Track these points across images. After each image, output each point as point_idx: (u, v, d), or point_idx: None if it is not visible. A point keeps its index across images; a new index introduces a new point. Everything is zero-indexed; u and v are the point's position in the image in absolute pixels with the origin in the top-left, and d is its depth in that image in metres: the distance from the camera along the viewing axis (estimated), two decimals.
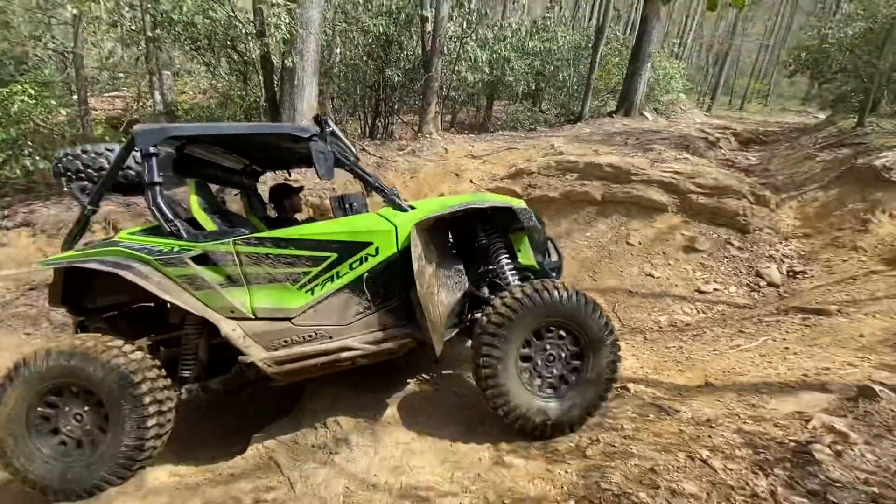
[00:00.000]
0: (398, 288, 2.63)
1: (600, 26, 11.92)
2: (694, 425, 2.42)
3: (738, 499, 1.78)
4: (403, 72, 10.52)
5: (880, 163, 6.30)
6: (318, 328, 2.58)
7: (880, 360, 3.12)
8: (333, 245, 2.55)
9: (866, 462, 1.93)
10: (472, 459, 2.46)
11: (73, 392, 2.42)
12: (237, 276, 2.53)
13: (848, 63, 10.58)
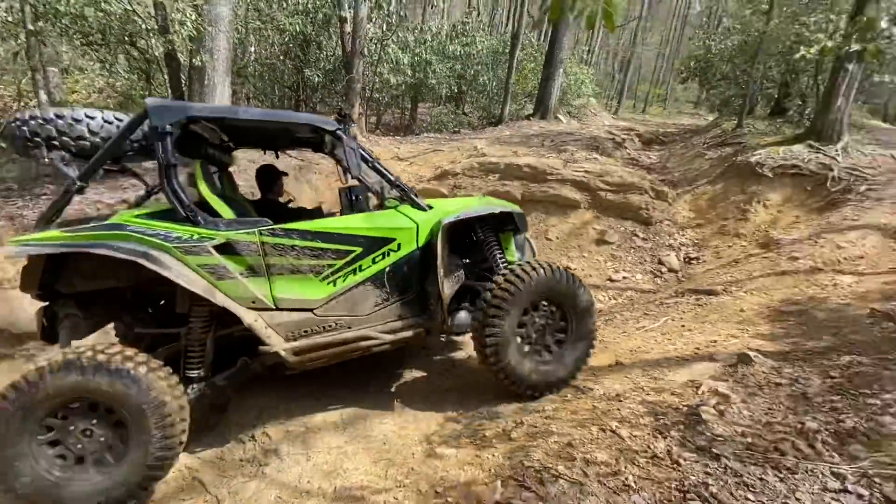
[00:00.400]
0: (415, 281, 2.80)
1: (515, 32, 12.45)
2: (605, 401, 2.65)
3: (642, 461, 2.00)
4: (323, 72, 10.30)
5: (755, 159, 7.22)
6: (338, 319, 2.65)
7: (756, 330, 3.62)
8: (360, 240, 2.66)
9: (743, 417, 2.25)
10: (405, 455, 2.52)
11: (80, 409, 2.13)
12: (259, 267, 2.49)
13: (729, 71, 11.98)
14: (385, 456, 2.53)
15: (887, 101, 14.62)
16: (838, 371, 2.51)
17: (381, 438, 2.70)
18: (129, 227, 2.33)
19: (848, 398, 2.22)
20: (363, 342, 2.68)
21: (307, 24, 9.59)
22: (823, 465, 1.79)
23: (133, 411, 2.11)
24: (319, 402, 3.06)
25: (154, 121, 2.34)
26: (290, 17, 9.46)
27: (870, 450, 1.83)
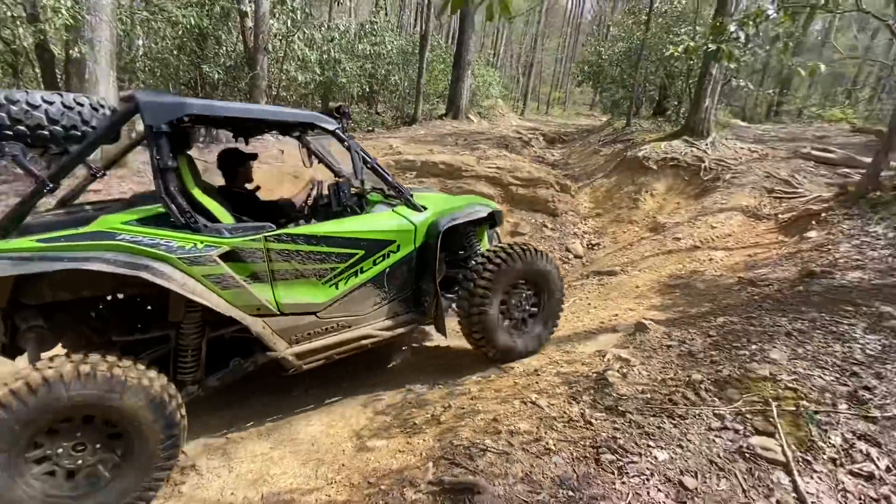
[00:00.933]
0: (412, 280, 2.89)
1: (424, 33, 12.60)
2: (525, 377, 2.81)
3: (559, 425, 2.15)
4: (224, 69, 9.62)
5: (642, 154, 8.02)
6: (339, 320, 2.66)
7: (650, 303, 4.03)
8: (363, 242, 2.65)
9: (642, 377, 2.51)
10: (335, 453, 2.46)
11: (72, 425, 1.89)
12: (264, 273, 2.38)
13: (617, 76, 13.17)
14: (314, 456, 2.45)
15: (744, 103, 16.98)
16: (715, 330, 2.89)
17: (308, 440, 2.61)
18: (121, 236, 2.06)
19: (723, 352, 2.57)
20: (363, 340, 2.74)
21: (203, 17, 8.89)
22: (707, 409, 2.06)
23: (131, 421, 1.93)
24: (240, 412, 2.88)
25: (148, 119, 2.08)
26: (182, 8, 8.71)
27: (742, 392, 2.14)
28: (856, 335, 2.54)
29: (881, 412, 1.92)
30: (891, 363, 2.26)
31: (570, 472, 1.82)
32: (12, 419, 1.74)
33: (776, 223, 5.46)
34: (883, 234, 4.10)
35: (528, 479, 1.80)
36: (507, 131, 11.95)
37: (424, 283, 2.90)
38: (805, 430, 1.84)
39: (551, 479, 1.79)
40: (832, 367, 2.25)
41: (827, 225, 4.70)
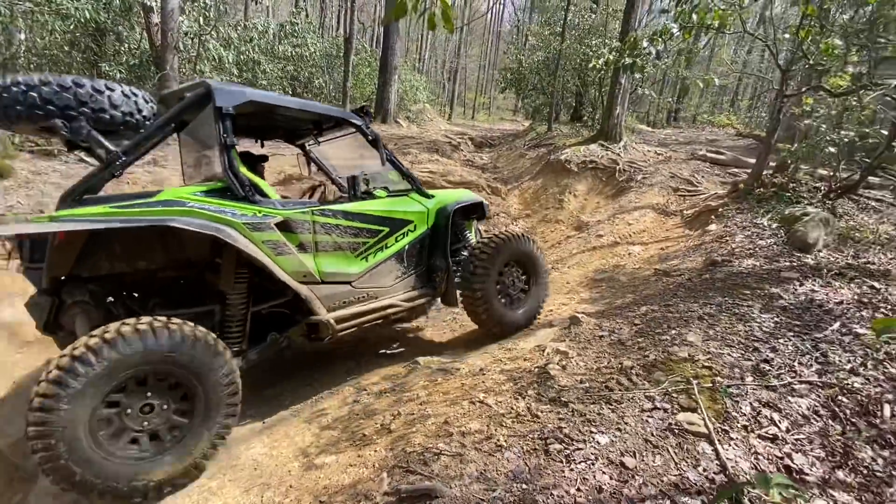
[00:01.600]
0: (425, 257, 3.35)
1: (348, 36, 12.39)
2: (471, 377, 2.86)
3: (508, 421, 2.22)
4: (127, 68, 8.79)
5: (564, 157, 8.50)
6: (369, 290, 3.01)
7: (580, 297, 4.29)
8: (387, 221, 3.06)
9: (580, 368, 2.66)
10: (280, 475, 2.35)
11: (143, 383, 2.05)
12: (309, 244, 2.67)
13: (537, 83, 13.84)
14: (258, 482, 2.32)
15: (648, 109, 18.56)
16: (639, 319, 3.14)
17: (250, 465, 2.47)
18: (190, 204, 2.29)
19: (648, 338, 2.80)
20: (389, 309, 3.10)
21: (99, 11, 8.05)
22: (639, 392, 2.24)
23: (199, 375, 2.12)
24: None
25: (219, 101, 2.36)
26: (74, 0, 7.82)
27: (667, 373, 2.34)
28: (754, 315, 2.88)
29: (779, 381, 2.20)
30: (782, 338, 2.59)
31: (523, 465, 1.89)
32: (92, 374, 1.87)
33: (682, 219, 6.04)
34: (768, 225, 4.70)
35: (483, 478, 1.84)
36: (437, 136, 12.09)
37: (436, 260, 3.38)
38: (721, 403, 2.06)
39: (505, 474, 1.85)
40: (738, 345, 2.54)
41: (723, 219, 5.29)
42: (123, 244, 2.35)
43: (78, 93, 2.21)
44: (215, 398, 2.19)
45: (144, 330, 1.98)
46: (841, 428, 1.94)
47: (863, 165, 5.46)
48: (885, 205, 5.39)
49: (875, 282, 3.35)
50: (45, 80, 2.18)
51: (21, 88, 2.14)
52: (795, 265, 3.71)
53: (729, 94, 21.42)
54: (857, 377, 2.27)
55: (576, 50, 11.60)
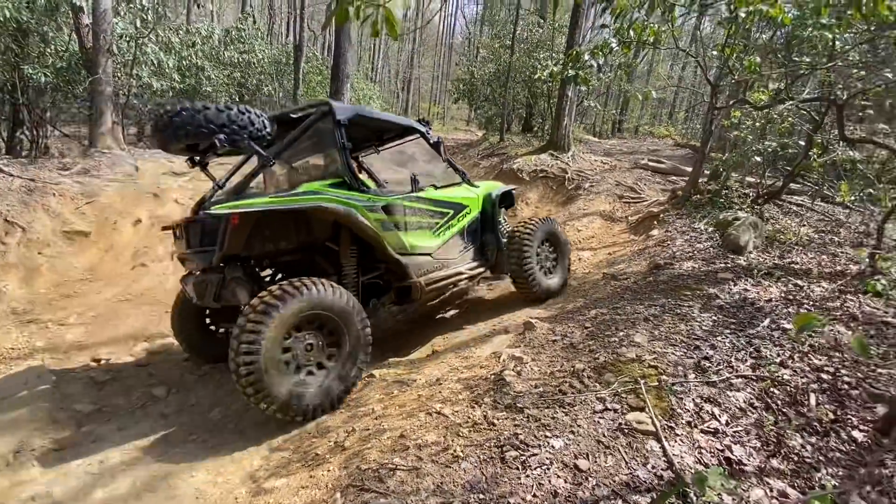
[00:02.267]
0: (478, 235, 4.18)
1: (298, 44, 12.15)
2: (428, 387, 2.83)
3: (465, 431, 2.20)
4: (55, 71, 8.16)
5: (516, 166, 8.69)
6: (443, 261, 3.72)
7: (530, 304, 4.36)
8: (452, 205, 3.85)
9: (534, 373, 2.69)
10: (227, 502, 2.21)
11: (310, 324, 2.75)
12: (402, 223, 3.37)
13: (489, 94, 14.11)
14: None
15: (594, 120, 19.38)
16: (590, 322, 3.23)
17: (192, 494, 2.31)
18: (326, 193, 2.98)
19: (598, 341, 2.88)
20: (456, 277, 3.80)
21: (21, 10, 7.43)
22: (590, 394, 2.29)
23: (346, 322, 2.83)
24: (100, 476, 2.43)
25: (338, 115, 3.10)
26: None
27: (616, 374, 2.41)
28: (694, 315, 3.04)
29: (718, 377, 2.32)
30: (720, 335, 2.75)
31: (479, 475, 1.87)
32: (280, 311, 2.53)
33: (627, 225, 6.32)
34: (704, 229, 4.99)
35: (440, 491, 1.81)
36: None
37: (487, 237, 4.21)
38: (667, 401, 2.14)
39: (462, 485, 1.82)
40: (681, 344, 2.66)
41: (665, 224, 5.58)
42: (273, 228, 2.99)
43: (230, 114, 2.80)
44: (356, 340, 2.89)
45: (309, 285, 2.70)
46: (774, 418, 2.07)
47: (784, 173, 5.94)
48: (804, 209, 5.88)
49: (799, 280, 3.63)
50: (205, 105, 2.77)
51: (191, 112, 2.71)
52: (730, 266, 3.95)
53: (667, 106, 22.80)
54: (787, 369, 2.43)
55: (525, 63, 11.95)
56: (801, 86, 6.06)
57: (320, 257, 3.43)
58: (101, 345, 4.26)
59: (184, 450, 2.68)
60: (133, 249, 5.75)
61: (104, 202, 6.19)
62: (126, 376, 3.66)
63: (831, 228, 5.22)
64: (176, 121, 2.70)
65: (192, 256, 2.95)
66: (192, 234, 2.94)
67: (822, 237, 4.87)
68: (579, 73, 3.06)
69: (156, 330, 4.61)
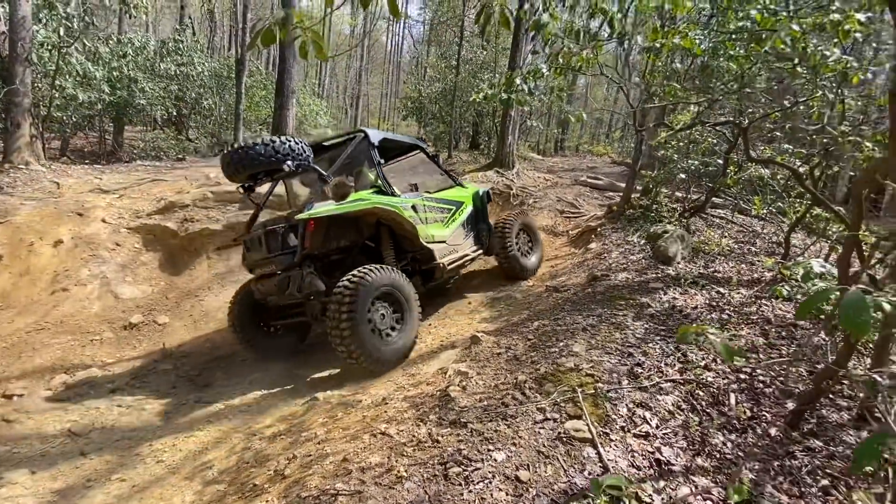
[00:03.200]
0: (474, 225, 5.17)
1: (240, 58, 11.81)
2: (373, 408, 2.77)
3: (409, 450, 2.17)
4: None
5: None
6: (453, 246, 4.75)
7: (481, 316, 4.42)
8: (453, 202, 4.92)
9: (479, 387, 2.71)
10: None
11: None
12: (424, 219, 4.41)
13: (437, 112, 14.34)
14: None
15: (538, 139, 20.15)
16: (532, 334, 3.31)
17: None
18: (370, 200, 3.88)
19: (540, 352, 2.95)
20: (464, 257, 4.84)
21: None
22: (531, 405, 2.33)
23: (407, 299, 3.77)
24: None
25: (373, 139, 4.20)
26: None
27: (556, 384, 2.48)
28: (628, 323, 3.19)
29: (649, 381, 2.44)
30: (651, 342, 2.90)
31: (423, 494, 1.85)
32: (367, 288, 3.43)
33: (568, 238, 6.57)
34: (637, 242, 5.29)
35: None
36: None
37: (481, 225, 5.25)
38: (603, 408, 2.22)
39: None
40: (615, 352, 2.78)
41: (602, 238, 5.86)
42: (335, 230, 3.86)
43: (290, 145, 3.62)
44: (412, 313, 3.80)
45: (384, 268, 3.66)
46: (698, 419, 2.20)
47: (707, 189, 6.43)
48: (726, 221, 6.38)
49: (721, 287, 3.92)
50: (272, 138, 3.59)
51: (264, 145, 3.56)
52: (660, 276, 4.20)
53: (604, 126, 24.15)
54: (710, 372, 2.60)
55: (470, 83, 12.28)
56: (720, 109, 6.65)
57: (358, 254, 4.29)
58: (13, 379, 3.85)
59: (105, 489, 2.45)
60: (52, 273, 5.27)
61: (19, 222, 5.65)
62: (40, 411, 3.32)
63: (749, 239, 5.69)
64: (251, 153, 3.53)
65: (274, 260, 3.76)
66: (271, 242, 3.78)
67: (742, 247, 5.29)
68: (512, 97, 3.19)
69: (77, 360, 4.23)
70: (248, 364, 4.35)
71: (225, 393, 3.73)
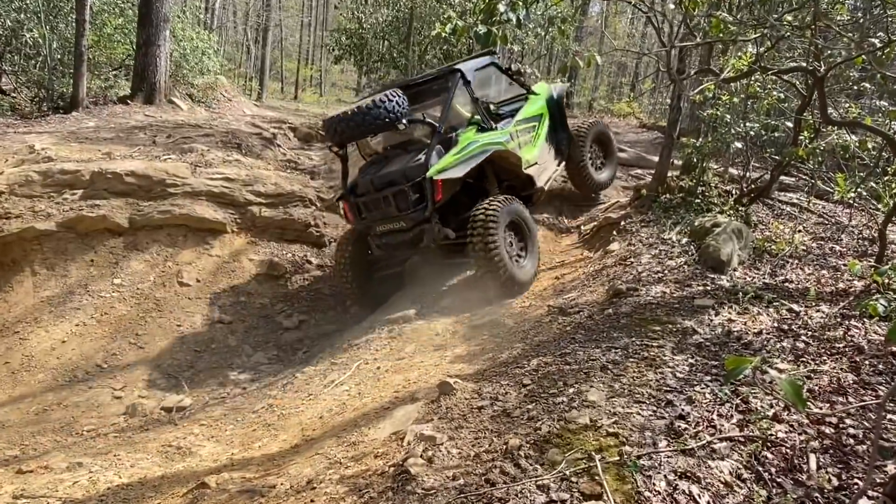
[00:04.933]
0: (553, 135, 7.25)
1: None
2: (294, 495, 2.73)
3: None
4: None
5: None
6: (543, 165, 6.89)
7: (455, 353, 4.44)
8: (534, 118, 6.86)
9: (452, 458, 2.72)
10: None
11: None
12: (518, 145, 6.47)
13: (385, 52, 14.36)
14: None
15: None
16: (530, 377, 3.35)
17: None
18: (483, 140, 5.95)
19: (540, 402, 2.98)
20: (554, 174, 7.01)
21: None
22: (529, 481, 2.35)
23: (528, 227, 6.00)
24: None
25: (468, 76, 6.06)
26: None
27: (563, 450, 2.51)
28: (665, 358, 3.27)
29: (696, 441, 2.51)
30: (698, 384, 2.98)
31: None
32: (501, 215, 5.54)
33: (579, 236, 6.68)
34: (677, 240, 5.45)
35: None
36: (239, 124, 11.69)
37: (559, 134, 7.26)
38: (631, 482, 2.26)
39: None
40: (648, 400, 2.84)
41: (627, 235, 6.00)
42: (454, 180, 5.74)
43: (397, 102, 5.63)
44: (534, 239, 6.00)
45: (513, 200, 5.86)
46: (766, 492, 2.28)
47: (772, 164, 6.69)
48: (799, 209, 6.66)
49: (794, 304, 4.08)
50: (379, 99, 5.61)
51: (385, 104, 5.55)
52: (709, 289, 4.33)
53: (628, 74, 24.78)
54: (781, 424, 2.69)
55: (434, 9, 12.37)
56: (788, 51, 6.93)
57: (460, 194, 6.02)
58: None
59: None
60: None
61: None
62: None
63: (831, 234, 5.96)
64: (366, 119, 5.56)
65: (404, 217, 5.77)
66: (400, 200, 5.76)
67: (822, 246, 5.53)
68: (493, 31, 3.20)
69: None
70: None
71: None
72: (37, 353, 5.24)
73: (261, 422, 4.19)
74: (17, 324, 5.57)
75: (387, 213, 5.83)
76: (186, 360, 5.77)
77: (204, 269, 6.70)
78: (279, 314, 6.58)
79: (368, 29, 14.37)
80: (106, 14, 13.02)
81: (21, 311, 5.72)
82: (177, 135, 9.30)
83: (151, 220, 6.69)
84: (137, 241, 6.63)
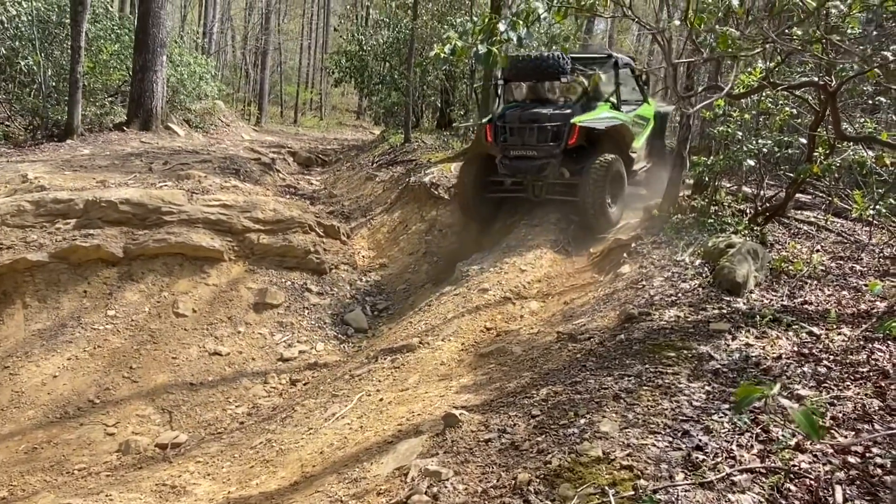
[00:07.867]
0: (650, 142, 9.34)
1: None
2: None
3: None
4: None
5: (428, 179, 8.93)
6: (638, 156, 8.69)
7: (461, 383, 4.41)
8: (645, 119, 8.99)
9: (458, 494, 2.68)
10: None
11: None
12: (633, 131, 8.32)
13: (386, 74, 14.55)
14: None
15: None
16: (539, 407, 3.31)
17: None
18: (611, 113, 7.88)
19: (550, 434, 2.95)
20: (643, 168, 8.99)
21: None
22: None
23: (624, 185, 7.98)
24: None
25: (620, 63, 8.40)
26: None
27: (575, 484, 2.48)
28: (681, 385, 3.24)
29: (714, 473, 2.46)
30: (716, 412, 2.94)
31: None
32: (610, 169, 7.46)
33: (589, 259, 6.66)
34: (690, 262, 5.43)
35: None
36: (237, 149, 11.84)
37: (655, 142, 9.49)
38: None
39: None
40: (664, 430, 2.80)
41: (638, 257, 5.98)
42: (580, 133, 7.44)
43: (563, 56, 7.62)
44: (623, 194, 7.85)
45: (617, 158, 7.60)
46: None
47: (787, 182, 6.68)
48: (816, 227, 6.64)
49: (814, 326, 4.04)
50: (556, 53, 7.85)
51: (559, 60, 7.57)
52: (725, 312, 4.30)
53: None
54: (804, 454, 2.65)
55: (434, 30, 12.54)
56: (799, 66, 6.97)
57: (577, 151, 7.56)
58: None
59: None
60: None
61: None
62: None
63: (851, 253, 5.92)
64: (545, 64, 7.51)
65: (538, 148, 7.51)
66: (539, 134, 7.52)
67: (841, 265, 5.50)
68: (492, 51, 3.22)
69: None
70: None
71: None
72: (27, 389, 5.22)
73: (259, 458, 4.15)
74: (7, 358, 5.57)
75: (527, 141, 7.56)
76: (182, 394, 5.74)
77: (201, 298, 6.70)
78: (278, 344, 6.57)
79: (369, 51, 14.59)
80: (102, 40, 13.26)
81: (11, 345, 5.73)
82: (173, 161, 9.41)
83: (147, 249, 6.73)
84: (132, 271, 6.66)
